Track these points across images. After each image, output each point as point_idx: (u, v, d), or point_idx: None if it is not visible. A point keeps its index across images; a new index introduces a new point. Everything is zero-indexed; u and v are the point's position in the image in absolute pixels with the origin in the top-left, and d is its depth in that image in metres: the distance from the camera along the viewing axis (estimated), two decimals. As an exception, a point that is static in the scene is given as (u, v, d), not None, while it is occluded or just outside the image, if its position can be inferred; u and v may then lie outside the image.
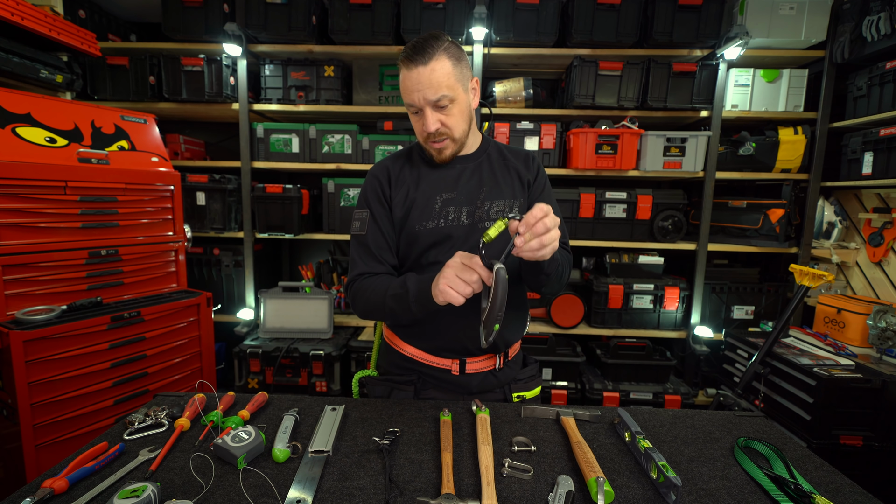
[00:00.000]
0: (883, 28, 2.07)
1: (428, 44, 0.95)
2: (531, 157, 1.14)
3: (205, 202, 2.61)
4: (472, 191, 1.06)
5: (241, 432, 0.83)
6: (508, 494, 0.74)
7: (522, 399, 1.14)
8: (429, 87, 0.95)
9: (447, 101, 0.97)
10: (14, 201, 1.50)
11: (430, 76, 0.94)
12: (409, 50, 0.96)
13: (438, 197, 1.05)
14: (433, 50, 0.94)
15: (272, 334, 2.54)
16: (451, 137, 1.02)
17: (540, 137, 2.52)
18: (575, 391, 2.46)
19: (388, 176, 1.10)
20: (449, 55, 0.96)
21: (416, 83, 0.95)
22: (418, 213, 1.05)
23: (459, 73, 0.98)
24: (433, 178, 1.07)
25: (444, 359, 1.08)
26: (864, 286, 2.44)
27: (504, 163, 1.11)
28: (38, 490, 0.70)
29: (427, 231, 1.04)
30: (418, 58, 0.94)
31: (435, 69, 0.94)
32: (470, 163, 1.10)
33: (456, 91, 0.97)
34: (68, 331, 1.53)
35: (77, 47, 1.96)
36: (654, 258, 2.63)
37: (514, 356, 1.15)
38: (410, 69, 0.95)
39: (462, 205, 1.04)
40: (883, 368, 1.84)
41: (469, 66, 1.03)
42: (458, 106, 0.99)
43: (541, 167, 1.14)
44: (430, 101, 0.96)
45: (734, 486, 0.77)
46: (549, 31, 2.42)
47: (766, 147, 2.49)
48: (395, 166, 1.11)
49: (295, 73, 2.55)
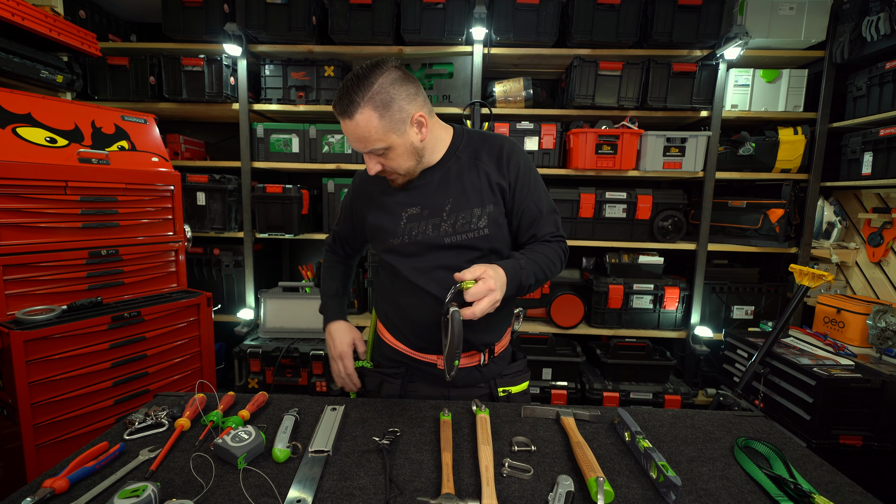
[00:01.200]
0: (882, 28, 2.07)
1: (350, 92, 0.90)
2: (506, 156, 1.05)
3: (205, 202, 2.61)
4: (438, 204, 1.04)
5: (242, 432, 0.83)
6: (508, 494, 0.74)
7: (508, 394, 1.15)
8: (357, 140, 0.94)
9: (380, 150, 0.95)
10: (14, 201, 1.50)
11: (355, 130, 0.92)
12: (337, 95, 0.93)
13: (404, 213, 1.06)
14: (357, 101, 0.90)
15: (272, 334, 2.54)
16: (397, 173, 1.02)
17: (540, 137, 2.52)
18: (575, 391, 2.46)
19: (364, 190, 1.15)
20: (374, 105, 0.90)
21: (348, 134, 0.95)
22: (386, 229, 1.07)
23: (388, 123, 0.92)
24: (399, 194, 1.08)
25: (429, 354, 1.11)
26: (864, 286, 2.44)
27: (475, 164, 1.05)
28: (39, 490, 0.70)
29: (395, 246, 1.07)
30: (341, 109, 0.92)
31: (359, 123, 0.91)
32: (437, 172, 1.06)
33: (388, 139, 0.94)
34: (68, 331, 1.53)
35: (77, 47, 1.96)
36: (654, 258, 2.64)
37: (501, 352, 1.16)
38: (339, 118, 0.94)
39: (427, 219, 1.04)
40: (882, 368, 1.84)
41: (408, 100, 0.94)
42: (395, 151, 0.96)
43: (521, 162, 1.06)
44: (363, 152, 0.97)
45: (734, 486, 0.78)
46: (549, 31, 2.43)
47: (765, 147, 2.49)
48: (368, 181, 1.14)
49: (295, 73, 2.56)
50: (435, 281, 1.04)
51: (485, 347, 1.10)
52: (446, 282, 1.00)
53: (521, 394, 1.17)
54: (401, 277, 1.08)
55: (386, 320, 1.17)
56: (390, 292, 1.14)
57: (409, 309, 1.09)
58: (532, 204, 1.06)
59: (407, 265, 1.06)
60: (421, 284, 1.05)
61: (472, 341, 1.07)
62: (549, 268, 1.03)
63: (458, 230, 1.03)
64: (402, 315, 1.11)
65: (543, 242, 1.07)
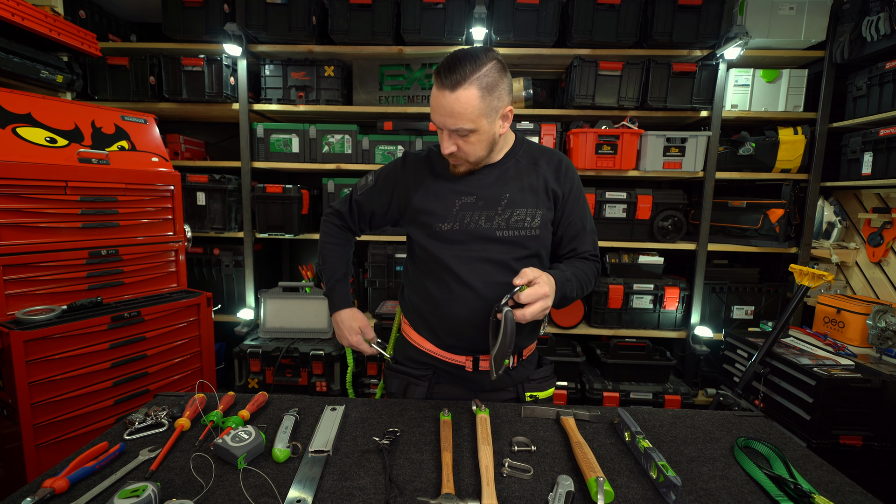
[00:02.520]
0: (882, 28, 2.07)
1: (463, 66, 0.89)
2: (564, 167, 1.09)
3: (205, 202, 2.61)
4: (494, 195, 1.05)
5: (241, 432, 0.83)
6: (508, 494, 0.74)
7: (535, 399, 1.14)
8: (450, 116, 0.93)
9: (466, 130, 0.94)
10: (14, 201, 1.50)
11: (452, 105, 0.91)
12: (444, 64, 0.91)
13: (458, 200, 1.05)
14: (464, 76, 0.89)
15: (272, 334, 2.54)
16: (467, 160, 1.01)
17: (540, 137, 2.52)
18: (575, 391, 2.46)
19: (416, 171, 1.11)
20: (480, 85, 0.90)
21: (440, 107, 0.93)
22: (437, 214, 1.06)
23: (486, 106, 0.92)
24: (454, 181, 1.07)
25: (458, 355, 1.09)
26: (864, 286, 2.44)
27: (534, 168, 1.08)
28: (39, 490, 0.70)
29: (443, 232, 1.05)
30: (447, 80, 0.90)
31: (459, 98, 0.90)
32: (495, 169, 1.07)
33: (478, 123, 0.94)
34: (68, 331, 1.53)
35: (77, 47, 1.96)
36: (654, 258, 2.63)
37: (529, 356, 1.16)
38: (439, 89, 0.92)
39: (482, 210, 1.04)
40: (882, 368, 1.84)
41: (506, 91, 0.96)
42: (478, 135, 0.96)
43: (575, 177, 1.11)
44: (449, 128, 0.95)
45: (734, 486, 0.78)
46: (548, 31, 2.42)
47: (765, 147, 2.49)
48: (421, 166, 1.12)
49: (295, 73, 2.56)
50: (476, 273, 1.03)
51: (516, 350, 1.10)
52: (488, 275, 1.02)
53: (548, 400, 1.17)
54: (440, 266, 1.05)
55: (414, 316, 1.15)
56: (423, 283, 1.10)
57: (443, 302, 1.05)
58: (578, 219, 1.10)
59: (450, 253, 1.04)
60: (462, 275, 1.03)
61: None
62: (586, 284, 1.05)
63: (512, 225, 1.03)
64: (433, 309, 1.08)
65: (582, 259, 1.09)
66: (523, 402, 1.12)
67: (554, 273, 0.96)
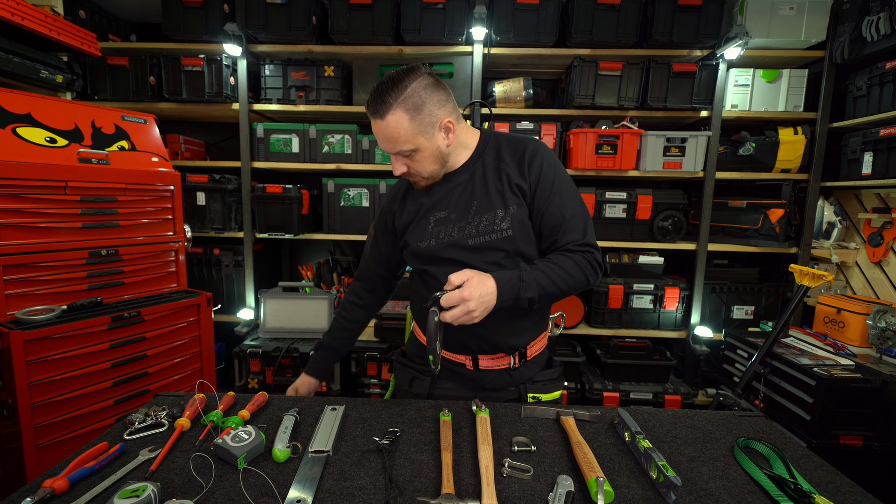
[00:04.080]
0: (883, 28, 2.07)
1: (385, 93, 0.93)
2: (528, 158, 1.04)
3: (205, 202, 2.61)
4: (464, 207, 1.06)
5: (241, 432, 0.83)
6: (508, 494, 0.74)
7: (538, 401, 1.13)
8: (387, 141, 0.97)
9: (407, 151, 0.98)
10: (14, 201, 1.49)
11: (385, 131, 0.95)
12: (370, 95, 0.96)
13: (432, 217, 1.08)
14: (390, 101, 0.92)
15: (272, 334, 2.54)
16: (421, 176, 1.05)
17: (540, 137, 2.52)
18: (575, 391, 2.46)
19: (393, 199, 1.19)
20: (406, 108, 0.93)
21: (377, 134, 0.98)
22: (415, 233, 1.10)
23: (418, 126, 0.95)
24: (427, 199, 1.10)
25: (459, 354, 1.11)
26: (864, 286, 2.44)
27: (498, 167, 1.06)
28: (39, 490, 0.70)
29: (422, 249, 1.08)
30: (375, 110, 0.95)
31: (390, 124, 0.94)
32: (463, 175, 1.07)
33: (416, 142, 0.97)
34: (68, 331, 1.53)
35: (77, 47, 1.96)
36: (654, 258, 2.64)
37: (535, 357, 1.14)
38: (371, 118, 0.97)
39: (454, 223, 1.05)
40: (883, 368, 1.84)
41: (439, 105, 0.97)
42: (421, 153, 0.99)
43: (542, 166, 1.03)
44: (393, 152, 1.00)
45: (734, 486, 0.77)
46: (549, 31, 2.42)
47: (765, 147, 2.49)
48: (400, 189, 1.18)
49: (295, 73, 2.55)
50: None
51: (512, 351, 1.10)
52: None
53: (551, 402, 1.15)
54: (427, 275, 1.10)
55: (419, 317, 1.20)
56: (419, 290, 1.17)
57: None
58: (555, 209, 1.02)
59: (432, 266, 1.08)
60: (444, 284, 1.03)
61: (497, 343, 1.08)
62: (564, 280, 0.97)
63: (482, 231, 1.03)
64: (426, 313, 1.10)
65: (562, 252, 1.01)
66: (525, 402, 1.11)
67: (501, 275, 0.93)
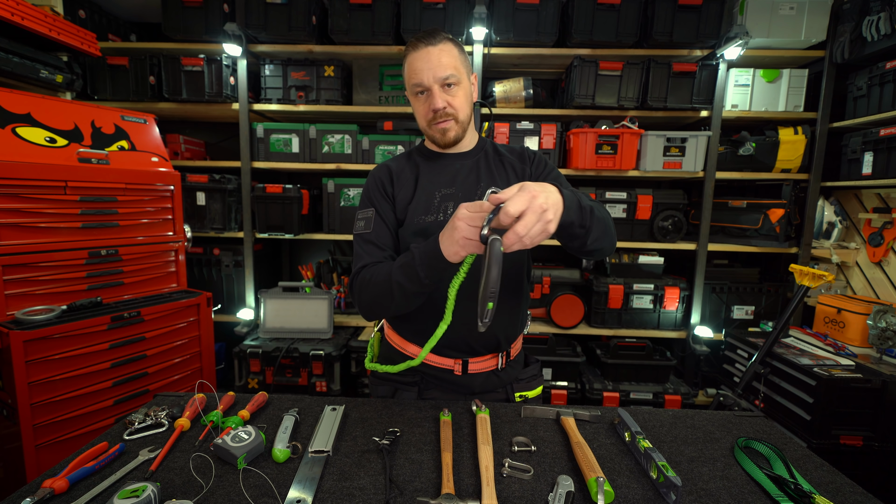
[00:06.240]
0: (883, 28, 2.07)
1: (436, 30, 1.03)
2: (528, 154, 1.15)
3: (205, 202, 2.61)
4: (470, 186, 1.08)
5: (241, 432, 0.83)
6: (508, 494, 0.74)
7: (525, 399, 1.14)
8: (438, 65, 1.00)
9: (454, 80, 1.02)
10: (14, 201, 1.50)
11: (439, 55, 1.00)
12: (417, 36, 1.03)
13: (437, 192, 1.08)
14: (442, 35, 1.03)
15: (272, 334, 2.54)
16: (456, 118, 1.05)
17: (540, 137, 2.52)
18: (575, 391, 2.46)
19: (390, 174, 1.12)
20: (455, 44, 1.04)
21: (426, 61, 1.00)
22: (419, 207, 1.07)
23: (463, 61, 1.05)
24: (433, 175, 1.10)
25: (447, 358, 1.07)
26: (864, 286, 2.44)
27: (499, 159, 1.14)
28: (38, 490, 0.70)
29: (426, 224, 1.05)
30: (428, 39, 1.01)
31: (444, 49, 1.01)
32: (468, 159, 1.13)
33: (461, 74, 1.03)
34: (68, 331, 1.53)
35: (77, 47, 1.96)
36: (654, 258, 2.63)
37: (517, 356, 1.16)
38: (419, 49, 1.01)
39: (460, 200, 1.05)
40: (883, 368, 1.84)
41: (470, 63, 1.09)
42: (463, 90, 1.04)
43: (542, 160, 1.14)
44: (439, 79, 1.01)
45: (734, 486, 0.77)
46: (549, 31, 2.42)
47: (766, 147, 2.49)
48: (396, 165, 1.14)
49: (295, 73, 2.55)
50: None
51: (507, 343, 1.09)
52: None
53: (536, 398, 1.16)
54: None
55: (401, 320, 1.11)
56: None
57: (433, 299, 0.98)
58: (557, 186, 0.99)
59: None
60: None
61: (496, 333, 1.06)
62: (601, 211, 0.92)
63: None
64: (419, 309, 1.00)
65: None
66: (513, 402, 1.11)
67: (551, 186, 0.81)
